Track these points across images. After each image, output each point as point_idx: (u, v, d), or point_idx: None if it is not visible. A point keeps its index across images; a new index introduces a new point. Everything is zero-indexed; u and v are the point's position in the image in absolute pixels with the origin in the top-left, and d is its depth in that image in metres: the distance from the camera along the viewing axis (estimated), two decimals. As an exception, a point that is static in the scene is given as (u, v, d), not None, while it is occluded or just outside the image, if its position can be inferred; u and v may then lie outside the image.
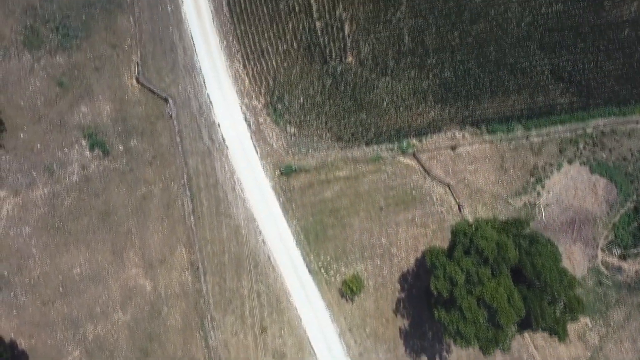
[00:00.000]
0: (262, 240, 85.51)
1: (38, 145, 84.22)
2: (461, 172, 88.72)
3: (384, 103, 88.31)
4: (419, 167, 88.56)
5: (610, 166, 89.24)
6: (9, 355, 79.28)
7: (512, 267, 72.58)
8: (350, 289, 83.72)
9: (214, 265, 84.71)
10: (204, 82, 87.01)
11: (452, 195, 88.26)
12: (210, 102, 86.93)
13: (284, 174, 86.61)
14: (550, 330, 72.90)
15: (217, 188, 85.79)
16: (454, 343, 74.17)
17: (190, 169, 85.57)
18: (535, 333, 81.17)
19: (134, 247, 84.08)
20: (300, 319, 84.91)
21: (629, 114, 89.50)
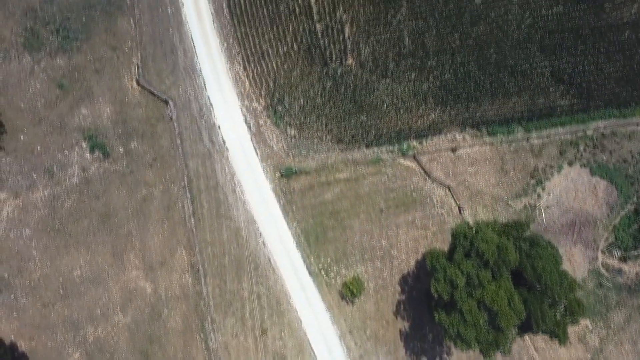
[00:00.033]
0: (263, 242, 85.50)
1: (38, 147, 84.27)
2: (461, 174, 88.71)
3: (384, 105, 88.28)
4: (419, 169, 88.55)
5: (610, 168, 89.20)
6: (9, 357, 79.39)
7: (512, 270, 72.54)
8: (350, 291, 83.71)
9: (214, 267, 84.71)
10: (205, 84, 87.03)
11: (453, 197, 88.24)
12: (211, 104, 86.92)
13: (284, 176, 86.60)
14: (551, 333, 72.86)
15: (218, 190, 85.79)
16: (454, 346, 74.24)
17: (191, 171, 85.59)
18: (535, 335, 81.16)
19: (134, 249, 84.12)
20: (300, 321, 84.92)
21: (630, 116, 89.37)
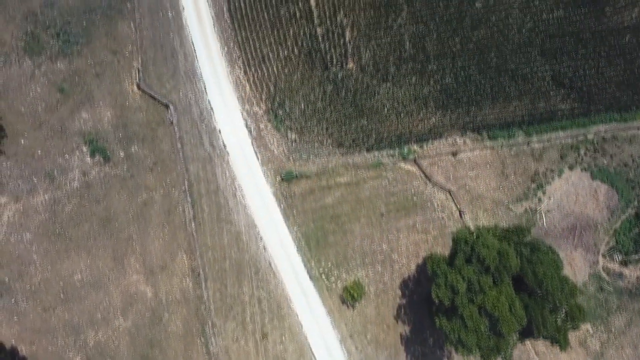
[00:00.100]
0: (263, 246, 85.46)
1: (39, 151, 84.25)
2: (462, 178, 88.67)
3: (385, 109, 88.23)
4: (419, 173, 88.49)
5: (611, 172, 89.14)
6: (9, 361, 79.50)
7: (513, 276, 72.49)
8: (351, 295, 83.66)
9: (215, 271, 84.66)
10: (205, 88, 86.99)
11: (453, 201, 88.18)
12: (211, 108, 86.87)
13: (284, 180, 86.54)
14: (552, 339, 72.83)
15: (218, 194, 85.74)
16: (455, 351, 74.25)
17: (191, 175, 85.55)
18: (536, 340, 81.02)
19: (134, 253, 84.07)
20: (301, 325, 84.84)
21: (630, 120, 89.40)
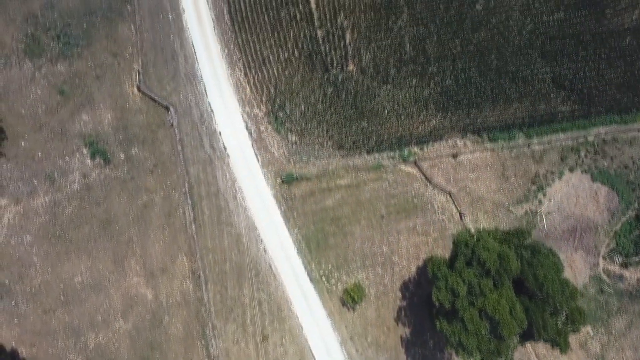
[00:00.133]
0: (264, 248, 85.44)
1: (39, 153, 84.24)
2: (462, 180, 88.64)
3: (385, 111, 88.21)
4: (420, 175, 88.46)
5: (611, 174, 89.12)
6: (10, 364, 79.46)
7: (514, 278, 72.53)
8: (351, 298, 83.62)
9: (215, 273, 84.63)
10: (205, 91, 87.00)
11: (454, 203, 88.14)
12: (212, 110, 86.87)
13: (285, 182, 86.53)
14: (552, 342, 72.80)
15: (219, 196, 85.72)
16: (455, 354, 74.20)
17: (192, 178, 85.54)
18: (537, 342, 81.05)
19: (135, 255, 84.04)
20: (301, 328, 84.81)
21: (631, 122, 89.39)
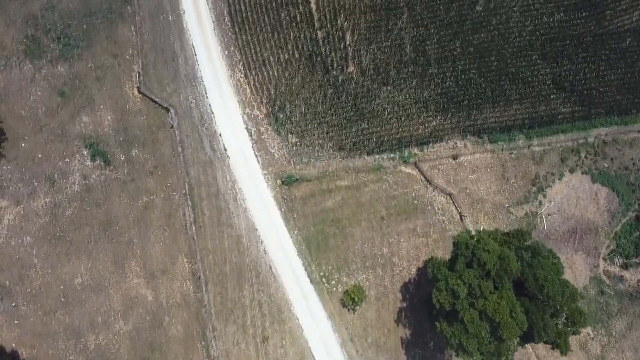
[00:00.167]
0: (264, 250, 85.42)
1: (39, 155, 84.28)
2: (463, 181, 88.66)
3: (386, 112, 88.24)
4: (420, 176, 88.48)
5: (611, 175, 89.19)
6: (10, 365, 79.45)
7: (514, 280, 72.50)
8: (351, 299, 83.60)
9: (215, 275, 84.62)
10: (206, 92, 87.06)
11: (454, 204, 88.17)
12: (212, 111, 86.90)
13: (285, 184, 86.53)
14: (553, 344, 72.83)
15: (219, 198, 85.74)
16: (456, 356, 74.12)
17: (192, 179, 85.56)
18: (537, 344, 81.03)
19: (135, 257, 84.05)
20: (301, 329, 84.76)
21: (631, 124, 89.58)
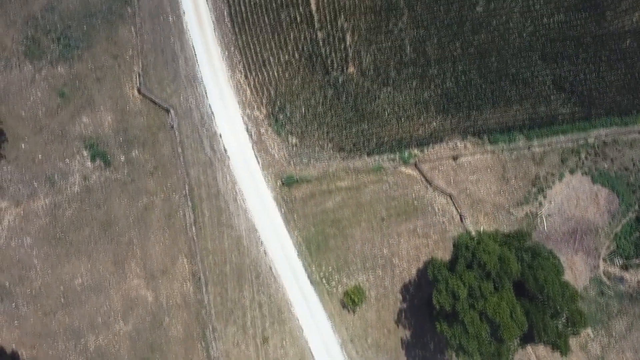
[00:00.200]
0: (264, 250, 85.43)
1: (39, 155, 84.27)
2: (463, 182, 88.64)
3: (386, 113, 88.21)
4: (420, 177, 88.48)
5: (612, 176, 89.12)
6: (10, 366, 79.50)
7: (514, 281, 72.48)
8: (351, 300, 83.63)
9: (215, 275, 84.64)
10: (206, 93, 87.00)
11: (454, 205, 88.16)
12: (212, 112, 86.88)
13: (285, 185, 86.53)
14: (553, 345, 72.82)
15: (219, 198, 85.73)
16: (456, 356, 74.11)
17: (192, 180, 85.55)
18: (537, 345, 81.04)
19: (135, 257, 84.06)
20: (301, 330, 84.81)
21: (631, 124, 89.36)
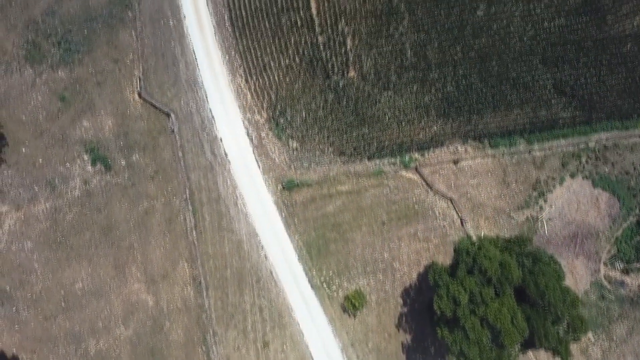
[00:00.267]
0: (265, 255, 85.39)
1: (40, 159, 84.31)
2: (463, 186, 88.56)
3: (386, 117, 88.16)
4: (421, 181, 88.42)
5: (612, 180, 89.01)
6: (11, 371, 79.48)
7: (515, 287, 72.38)
8: (352, 304, 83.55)
9: (216, 280, 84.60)
10: (206, 97, 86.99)
11: (455, 209, 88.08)
12: (213, 116, 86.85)
13: (286, 189, 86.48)
14: (554, 351, 72.74)
15: (220, 203, 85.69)
16: (456, 361, 74.25)
17: (193, 184, 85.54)
18: (538, 350, 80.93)
19: (136, 262, 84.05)
20: (302, 334, 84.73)
21: (632, 128, 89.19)
